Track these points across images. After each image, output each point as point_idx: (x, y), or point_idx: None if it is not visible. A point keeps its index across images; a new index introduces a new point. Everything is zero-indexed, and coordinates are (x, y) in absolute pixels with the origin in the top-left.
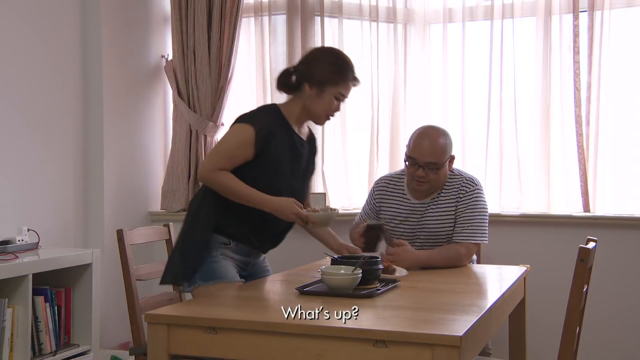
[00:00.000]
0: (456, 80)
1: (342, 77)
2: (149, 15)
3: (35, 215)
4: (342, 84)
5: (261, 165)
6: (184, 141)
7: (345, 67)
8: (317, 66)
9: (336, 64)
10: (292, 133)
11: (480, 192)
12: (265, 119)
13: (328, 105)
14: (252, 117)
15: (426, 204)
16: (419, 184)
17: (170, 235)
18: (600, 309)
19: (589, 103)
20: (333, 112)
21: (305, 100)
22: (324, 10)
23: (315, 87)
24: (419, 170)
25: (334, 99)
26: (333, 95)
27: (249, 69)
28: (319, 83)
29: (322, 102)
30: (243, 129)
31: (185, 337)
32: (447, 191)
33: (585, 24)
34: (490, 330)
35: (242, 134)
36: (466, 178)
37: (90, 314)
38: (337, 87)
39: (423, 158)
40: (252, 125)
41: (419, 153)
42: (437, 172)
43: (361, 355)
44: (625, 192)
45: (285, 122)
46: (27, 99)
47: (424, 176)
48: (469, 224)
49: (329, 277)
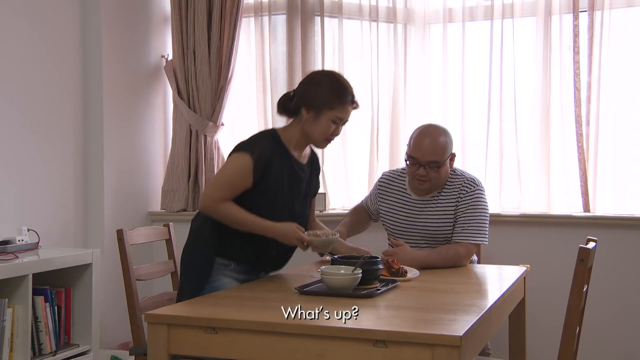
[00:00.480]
0: (456, 80)
1: (339, 101)
2: (149, 15)
3: (35, 215)
4: (338, 108)
5: (261, 192)
6: (184, 141)
7: (342, 91)
8: (314, 90)
9: (333, 87)
10: (291, 159)
11: (481, 193)
12: (263, 147)
13: (325, 129)
14: (249, 145)
15: (426, 202)
16: (420, 183)
17: (170, 235)
18: (601, 309)
19: (589, 103)
20: (332, 135)
21: (304, 124)
22: (324, 10)
23: (312, 111)
24: (420, 169)
25: (332, 122)
26: (330, 119)
27: (249, 69)
28: (316, 107)
29: (319, 126)
30: (241, 158)
31: (185, 337)
32: (448, 190)
33: (585, 24)
34: (490, 330)
35: (241, 164)
36: (467, 178)
37: (90, 314)
38: (334, 111)
39: (424, 157)
40: (249, 154)
41: (419, 152)
42: (438, 171)
43: (361, 355)
44: (625, 192)
45: (284, 149)
46: (27, 99)
47: (425, 175)
48: (469, 224)
49: (329, 277)
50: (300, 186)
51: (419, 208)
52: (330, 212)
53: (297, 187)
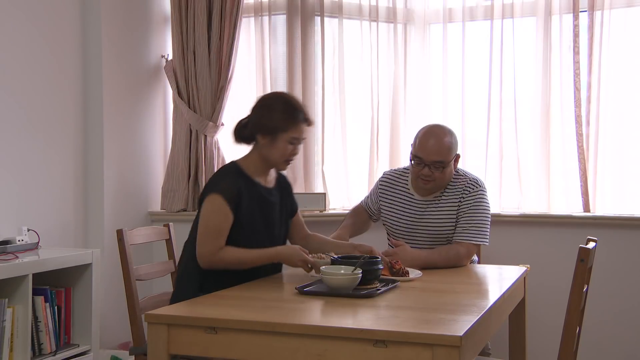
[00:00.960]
0: (456, 80)
1: (291, 122)
2: (149, 15)
3: (35, 215)
4: (292, 128)
5: (237, 225)
6: (184, 141)
7: (294, 112)
8: (266, 115)
9: (284, 109)
10: (257, 186)
11: (483, 194)
12: (228, 182)
13: (283, 151)
14: (215, 185)
15: (429, 202)
16: (424, 182)
17: (170, 235)
18: (601, 309)
19: (589, 103)
20: (290, 156)
21: (261, 149)
22: (324, 10)
23: (268, 136)
24: (425, 169)
25: (288, 144)
26: (286, 140)
27: (249, 69)
28: (271, 131)
29: (277, 149)
30: (213, 201)
31: (185, 337)
32: (451, 191)
33: (585, 24)
34: (490, 330)
35: (217, 207)
36: (470, 179)
37: (90, 314)
38: (288, 133)
39: (429, 157)
40: (219, 194)
41: (425, 152)
42: (443, 171)
43: (361, 355)
44: (625, 192)
45: (248, 178)
46: (27, 98)
47: (430, 175)
48: (470, 224)
49: (329, 277)
50: (273, 211)
51: (421, 208)
52: (330, 212)
53: (270, 213)
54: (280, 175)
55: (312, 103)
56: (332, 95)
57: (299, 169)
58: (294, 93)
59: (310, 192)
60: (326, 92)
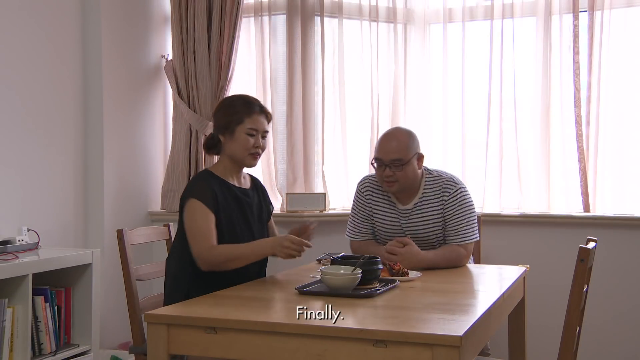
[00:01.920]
0: (456, 80)
1: (246, 113)
2: (149, 15)
3: (35, 215)
4: (247, 119)
5: (219, 225)
6: (184, 141)
7: (246, 104)
8: (222, 114)
9: (237, 104)
10: (231, 187)
11: (463, 191)
12: (202, 186)
13: (244, 143)
14: (190, 191)
15: (410, 209)
16: (388, 185)
17: (170, 235)
18: (601, 309)
19: (589, 103)
20: (254, 148)
21: (226, 149)
22: (324, 10)
23: (227, 132)
24: (386, 170)
25: (248, 136)
26: (244, 132)
27: (249, 69)
28: (228, 127)
29: (237, 142)
30: (193, 205)
31: (185, 337)
32: (429, 194)
33: (585, 24)
34: (489, 330)
35: (197, 209)
36: (446, 178)
37: (90, 314)
38: (244, 124)
39: (387, 156)
40: (195, 199)
41: (383, 152)
42: (404, 169)
43: (361, 355)
44: (625, 192)
45: (221, 180)
46: (27, 98)
47: (392, 175)
48: (460, 225)
49: (328, 277)
50: (251, 210)
51: (404, 217)
52: (330, 212)
53: (248, 211)
54: (254, 178)
55: (312, 103)
56: (332, 95)
57: (299, 169)
58: (294, 93)
59: (310, 192)
60: (326, 92)
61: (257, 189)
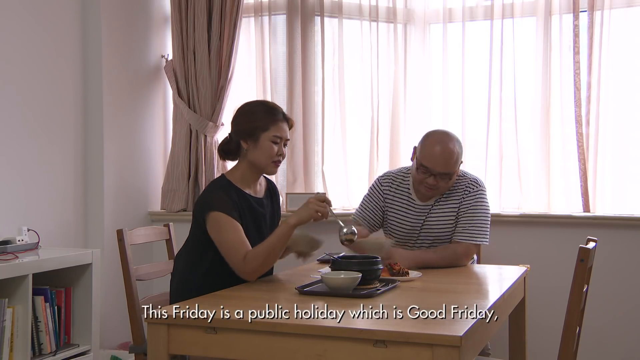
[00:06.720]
0: (456, 80)
1: (270, 120)
2: (149, 15)
3: (35, 215)
4: (272, 127)
5: None
6: (184, 141)
7: (271, 111)
8: (245, 120)
9: (261, 110)
10: (247, 198)
11: (483, 193)
12: (223, 198)
13: (269, 151)
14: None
15: (430, 206)
16: (428, 190)
17: (170, 235)
18: (601, 309)
19: (589, 103)
20: (277, 156)
21: (247, 156)
22: (324, 10)
23: (251, 139)
24: (431, 179)
25: (272, 143)
26: (269, 140)
27: (249, 69)
28: (252, 134)
29: (261, 150)
30: (218, 219)
31: (185, 337)
32: (451, 193)
33: (585, 24)
34: (490, 330)
35: (223, 222)
36: (471, 179)
37: (90, 314)
38: (269, 131)
39: (436, 168)
40: (220, 211)
41: (432, 162)
42: (448, 182)
43: (361, 355)
44: (625, 192)
45: (238, 190)
46: (27, 98)
47: (435, 184)
48: (470, 224)
49: (329, 277)
50: (265, 220)
51: (423, 213)
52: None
53: (262, 222)
54: (269, 181)
55: (312, 103)
56: (332, 95)
57: (299, 169)
58: (294, 93)
59: (310, 192)
60: (326, 92)
61: (271, 195)
